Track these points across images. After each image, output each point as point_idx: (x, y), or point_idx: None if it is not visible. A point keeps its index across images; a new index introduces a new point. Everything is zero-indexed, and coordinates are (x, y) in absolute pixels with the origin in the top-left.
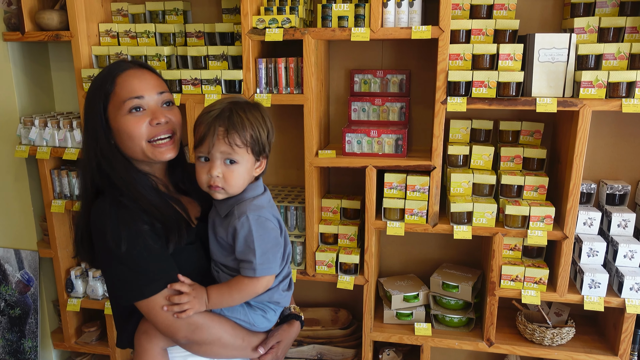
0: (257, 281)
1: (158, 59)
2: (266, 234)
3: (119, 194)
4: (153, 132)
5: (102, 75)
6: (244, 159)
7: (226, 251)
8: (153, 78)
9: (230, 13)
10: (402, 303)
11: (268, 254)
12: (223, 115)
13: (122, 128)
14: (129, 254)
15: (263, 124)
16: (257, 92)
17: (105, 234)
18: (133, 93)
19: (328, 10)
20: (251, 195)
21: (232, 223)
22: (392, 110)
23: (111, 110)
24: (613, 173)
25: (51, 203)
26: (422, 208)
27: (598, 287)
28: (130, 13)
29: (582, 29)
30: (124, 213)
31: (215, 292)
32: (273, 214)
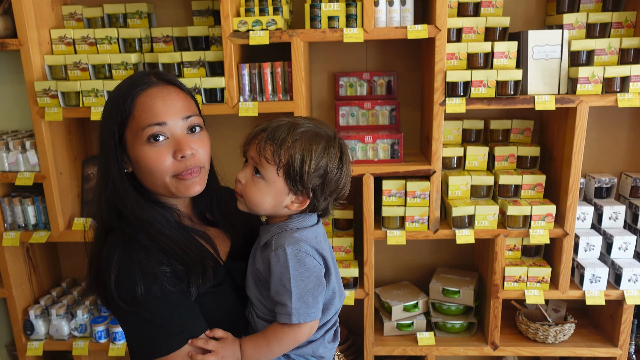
0: (298, 329)
1: (124, 68)
2: (306, 272)
3: (132, 230)
4: (177, 167)
5: (120, 93)
6: (270, 177)
7: (263, 287)
8: (180, 98)
9: (202, 15)
10: (402, 313)
11: (306, 297)
12: (277, 125)
13: (140, 159)
14: (144, 302)
15: (315, 157)
16: (241, 100)
17: (117, 278)
18: (154, 118)
19: (317, 10)
20: (296, 226)
21: (269, 254)
22: (381, 114)
23: (129, 137)
24: (598, 167)
25: (2, 235)
26: (424, 214)
27: (598, 282)
28: (86, 17)
29: (571, 25)
30: (138, 253)
31: (251, 344)
32: (317, 249)
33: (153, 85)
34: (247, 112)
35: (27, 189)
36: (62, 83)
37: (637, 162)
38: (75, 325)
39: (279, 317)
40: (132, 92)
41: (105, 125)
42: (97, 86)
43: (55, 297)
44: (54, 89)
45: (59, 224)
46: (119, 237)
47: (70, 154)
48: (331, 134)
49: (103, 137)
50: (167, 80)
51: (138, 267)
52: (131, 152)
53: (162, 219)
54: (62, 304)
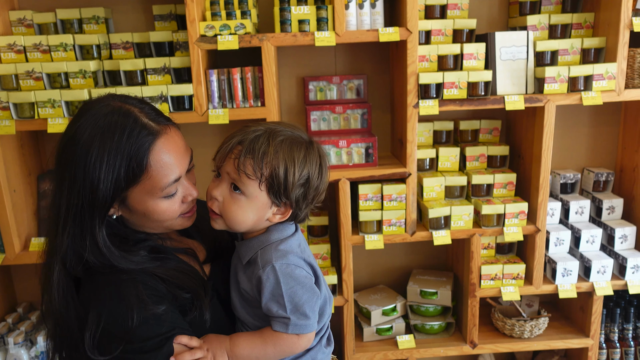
0: (298, 339)
1: (83, 76)
2: (298, 285)
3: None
4: (185, 208)
5: (122, 146)
6: (252, 192)
7: (251, 306)
8: (179, 137)
9: (165, 20)
10: (381, 318)
11: (303, 308)
12: (253, 136)
13: (151, 212)
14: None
15: (299, 166)
16: (211, 107)
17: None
18: (171, 175)
19: (287, 13)
20: (278, 238)
21: (256, 273)
22: (353, 118)
23: (137, 193)
24: (561, 163)
25: None
26: (400, 217)
27: (570, 275)
28: (36, 23)
29: (534, 27)
30: (124, 283)
31: (245, 340)
32: (304, 258)
33: (158, 134)
34: (218, 119)
35: None
36: (14, 94)
37: (597, 157)
38: (35, 353)
39: (274, 324)
40: (143, 149)
41: (96, 182)
42: (53, 96)
43: (12, 324)
44: (4, 100)
45: (14, 246)
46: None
47: (24, 169)
48: (307, 139)
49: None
50: (164, 123)
51: (129, 301)
52: (138, 205)
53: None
54: (20, 330)
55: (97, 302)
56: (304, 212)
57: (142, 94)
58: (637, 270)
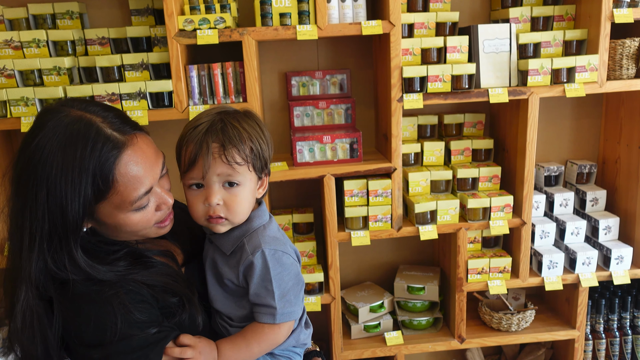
0: (279, 328)
1: (57, 73)
2: (285, 271)
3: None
4: (160, 216)
5: (86, 162)
6: (246, 178)
7: (236, 297)
8: (148, 144)
9: (142, 15)
10: (368, 314)
11: (289, 296)
12: (215, 128)
13: (122, 225)
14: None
15: (262, 134)
16: (191, 104)
17: (90, 325)
18: (140, 187)
19: (267, 7)
20: (259, 224)
21: (244, 260)
22: (337, 113)
23: (104, 207)
24: (545, 156)
25: None
26: (386, 213)
27: (556, 267)
28: (7, 18)
29: (516, 19)
30: (104, 291)
31: (229, 345)
32: (290, 245)
33: (124, 147)
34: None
35: None
36: None
37: (580, 149)
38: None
39: (260, 316)
40: (108, 164)
41: (61, 203)
42: (26, 94)
43: None
44: None
45: None
46: (74, 291)
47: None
48: (241, 109)
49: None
50: (130, 132)
51: (111, 309)
52: (107, 219)
53: (130, 267)
54: None
55: (80, 316)
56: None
57: (120, 90)
58: (621, 261)
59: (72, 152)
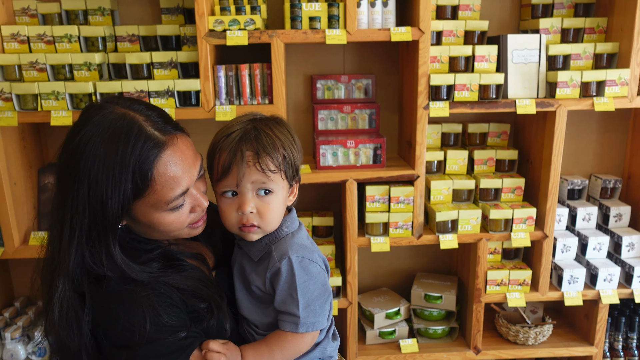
0: (302, 338)
1: (88, 69)
2: (311, 280)
3: (136, 292)
4: (194, 218)
5: (127, 159)
6: (278, 186)
7: (263, 304)
8: (188, 147)
9: (172, 14)
10: (384, 321)
11: (314, 305)
12: (248, 137)
13: (157, 224)
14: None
15: (293, 141)
16: (218, 104)
17: (119, 325)
18: (177, 188)
19: (297, 10)
20: (288, 231)
21: (271, 267)
22: (361, 118)
23: (141, 206)
24: (568, 169)
25: None
26: (407, 220)
27: (576, 282)
28: (41, 13)
29: (546, 30)
30: (135, 292)
31: (252, 352)
32: (318, 254)
33: (165, 147)
34: (225, 116)
35: None
36: (18, 85)
37: (605, 164)
38: (32, 349)
39: (283, 324)
40: (147, 163)
41: (102, 198)
42: (57, 88)
43: (8, 319)
44: (7, 91)
45: (13, 240)
46: (106, 289)
47: (24, 162)
48: (272, 116)
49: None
50: (172, 133)
51: (141, 311)
52: (143, 218)
53: (163, 268)
54: (17, 325)
55: (110, 315)
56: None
57: (149, 88)
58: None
59: (114, 148)
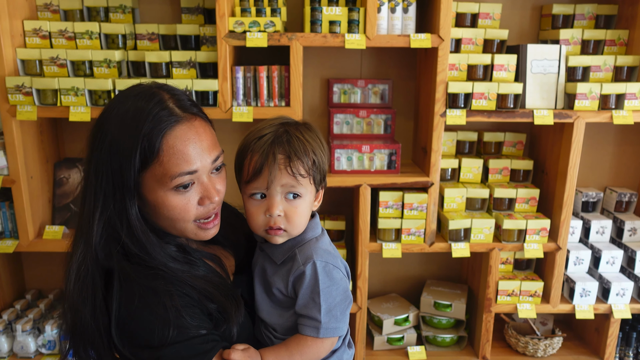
0: (322, 342)
1: (107, 66)
2: (333, 285)
3: (153, 279)
4: (202, 213)
5: (141, 125)
6: (307, 191)
7: (283, 307)
8: (207, 133)
9: (192, 13)
10: (393, 327)
11: (335, 311)
12: (281, 140)
13: (161, 206)
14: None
15: (322, 146)
16: (235, 104)
17: (140, 324)
18: (185, 166)
19: (318, 13)
20: (312, 236)
21: (295, 270)
22: (376, 123)
23: (148, 179)
24: (583, 181)
25: None
26: (420, 227)
27: (588, 296)
28: (62, 9)
29: (567, 41)
30: (159, 291)
31: (272, 356)
32: (341, 260)
33: (180, 121)
34: (242, 117)
35: None
36: (38, 79)
37: (621, 177)
38: (42, 342)
39: (304, 329)
40: (157, 129)
41: (121, 166)
42: (77, 84)
43: (20, 311)
44: (28, 85)
45: (28, 233)
46: (130, 281)
47: (41, 156)
48: (302, 121)
49: (116, 174)
50: (193, 113)
51: (164, 312)
52: (148, 194)
53: (183, 257)
54: (28, 318)
55: (133, 312)
56: None
57: None
58: None
59: (132, 115)
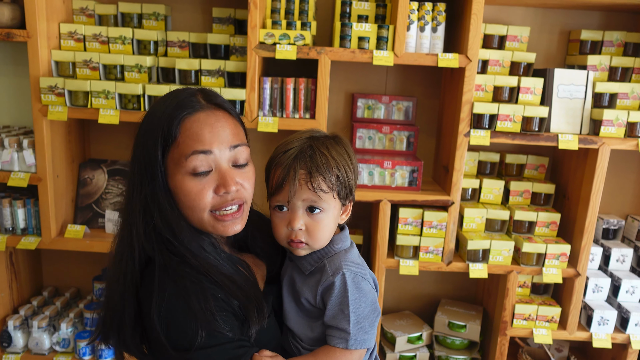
0: (350, 354)
1: (138, 71)
2: (362, 297)
3: (183, 267)
4: (218, 202)
5: (165, 114)
6: (330, 205)
7: (311, 317)
8: (229, 124)
9: (223, 23)
10: (405, 345)
11: (364, 323)
12: (303, 155)
13: (180, 191)
14: (200, 350)
15: (349, 161)
16: (261, 114)
17: (173, 325)
18: (199, 145)
19: (348, 29)
20: (341, 248)
21: (324, 281)
22: (399, 139)
23: (170, 164)
24: (604, 208)
25: None
26: (438, 245)
27: (606, 324)
28: (98, 14)
29: (594, 67)
30: (193, 294)
31: None
32: (369, 272)
33: (201, 109)
34: (267, 127)
35: (16, 190)
36: (71, 81)
37: None
38: (57, 340)
39: (333, 340)
40: (178, 114)
41: (149, 151)
42: (108, 87)
43: (36, 307)
44: (61, 86)
45: (51, 230)
46: (165, 274)
47: (68, 156)
48: (332, 134)
49: (146, 164)
50: (217, 104)
51: (197, 309)
52: (170, 181)
53: (214, 251)
54: (45, 315)
55: (167, 312)
56: None
57: None
58: None
59: (164, 106)
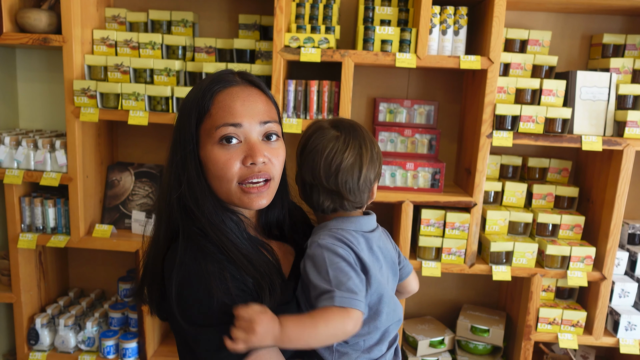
0: (346, 313)
1: (167, 74)
2: (336, 257)
3: (203, 239)
4: (245, 173)
5: (201, 88)
6: None
7: (306, 290)
8: (261, 101)
9: (249, 29)
10: (427, 349)
11: (347, 284)
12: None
13: (209, 161)
14: (216, 319)
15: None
16: (285, 116)
17: (189, 293)
18: (230, 118)
19: (370, 32)
20: (335, 226)
21: (306, 252)
22: (421, 143)
23: (202, 135)
24: (630, 212)
25: (18, 237)
26: (461, 247)
27: (634, 330)
28: (129, 21)
29: (617, 69)
30: (212, 267)
31: (294, 322)
32: (351, 246)
33: (235, 84)
34: (291, 128)
35: (47, 189)
36: (103, 84)
37: None
38: (82, 338)
39: (321, 301)
40: (212, 88)
41: (184, 121)
42: (138, 90)
43: (62, 307)
44: (93, 89)
45: (79, 229)
46: (187, 246)
47: (97, 158)
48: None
49: (180, 133)
50: (251, 82)
51: (213, 283)
52: (202, 151)
53: (235, 227)
54: (71, 314)
55: (180, 286)
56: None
57: None
58: None
59: (200, 83)
